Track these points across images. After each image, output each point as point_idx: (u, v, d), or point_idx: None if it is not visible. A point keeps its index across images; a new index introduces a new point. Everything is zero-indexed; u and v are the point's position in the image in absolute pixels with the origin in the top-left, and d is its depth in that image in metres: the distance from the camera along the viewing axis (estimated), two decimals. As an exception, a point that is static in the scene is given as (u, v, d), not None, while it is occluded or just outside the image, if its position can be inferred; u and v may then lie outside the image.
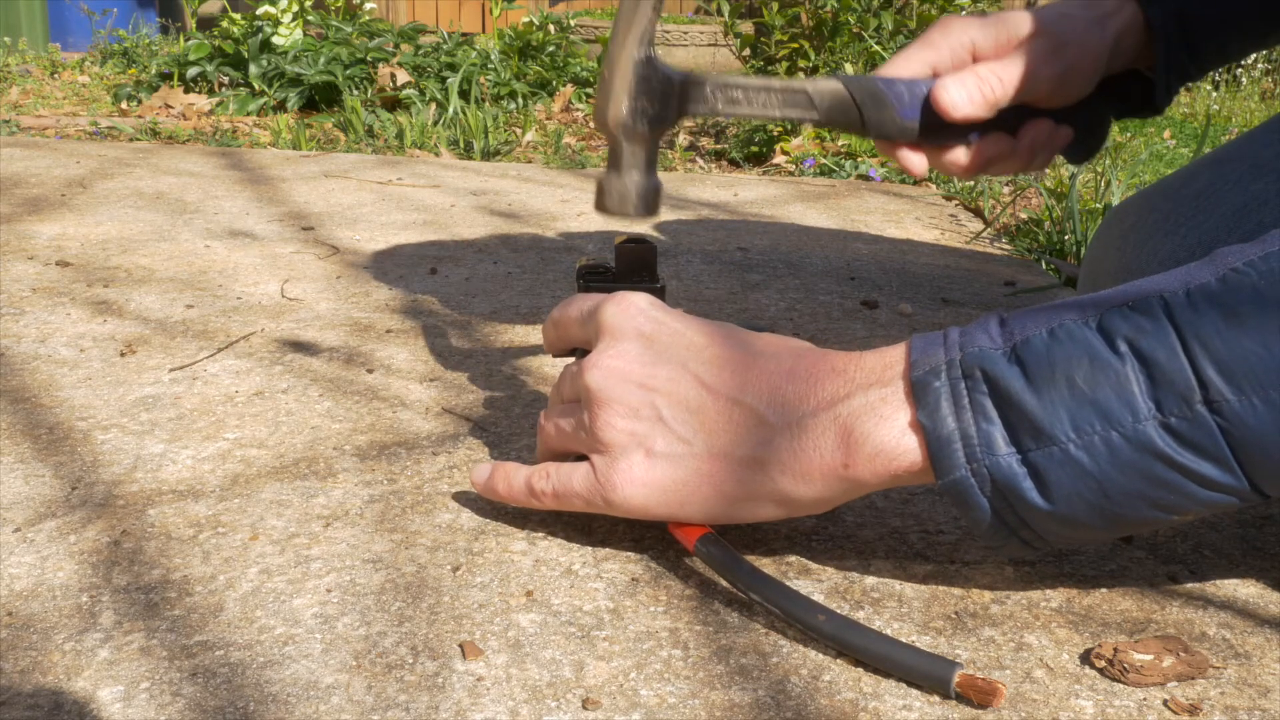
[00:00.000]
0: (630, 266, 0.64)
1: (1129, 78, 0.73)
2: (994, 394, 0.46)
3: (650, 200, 0.63)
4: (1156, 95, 0.73)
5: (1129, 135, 2.47)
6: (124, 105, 2.54)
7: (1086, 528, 0.47)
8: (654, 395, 0.53)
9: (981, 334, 0.48)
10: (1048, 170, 1.74)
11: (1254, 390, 0.42)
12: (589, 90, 2.74)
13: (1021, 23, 0.69)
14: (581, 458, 0.56)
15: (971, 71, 0.66)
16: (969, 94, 0.66)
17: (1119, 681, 0.47)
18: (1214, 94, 3.46)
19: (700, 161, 2.05)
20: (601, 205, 0.64)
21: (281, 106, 2.51)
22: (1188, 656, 0.48)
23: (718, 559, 0.52)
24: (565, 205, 1.54)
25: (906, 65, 0.68)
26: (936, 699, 0.46)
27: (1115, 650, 0.48)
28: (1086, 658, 0.49)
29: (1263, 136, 0.78)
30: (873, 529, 0.60)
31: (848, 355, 0.51)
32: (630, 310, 0.55)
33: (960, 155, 0.70)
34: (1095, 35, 0.69)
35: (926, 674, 0.46)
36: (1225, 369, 0.42)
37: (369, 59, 2.61)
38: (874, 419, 0.48)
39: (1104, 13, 0.70)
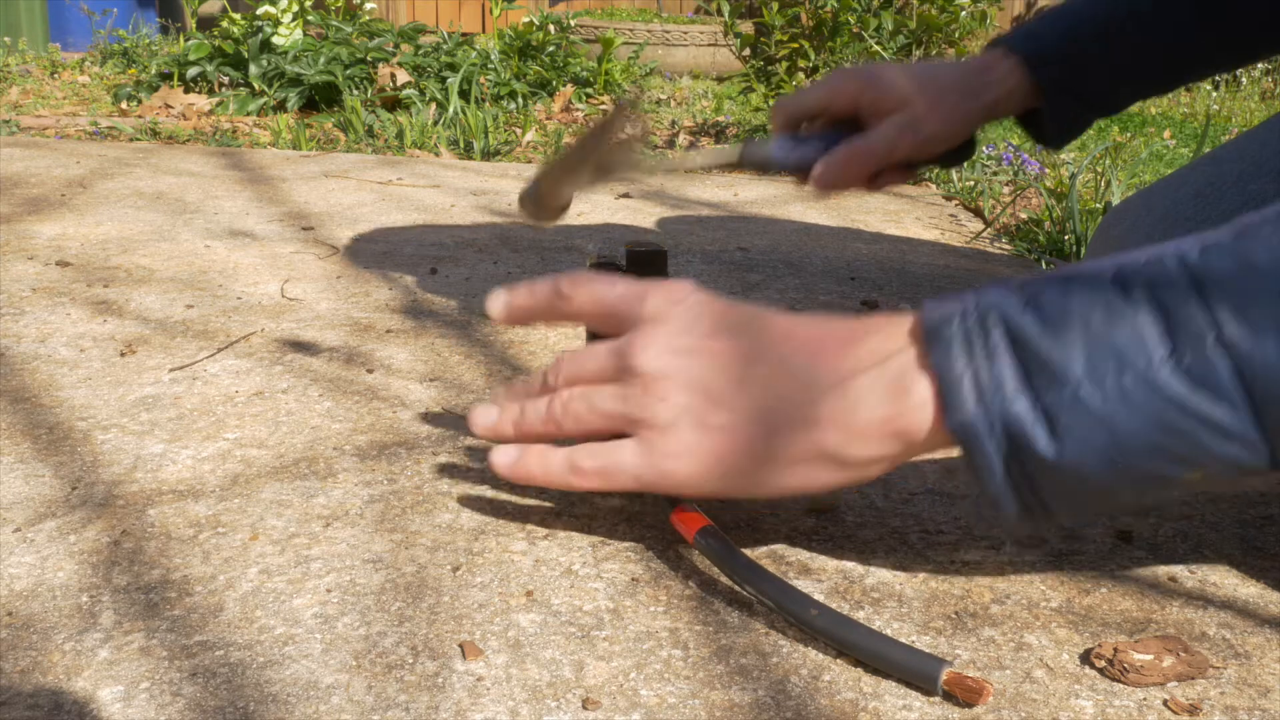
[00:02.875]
0: (640, 268, 0.65)
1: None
2: (1008, 337, 0.46)
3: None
4: (1046, 139, 0.83)
5: (1129, 135, 2.47)
6: (124, 105, 2.54)
7: (1095, 486, 0.46)
8: (706, 368, 0.52)
9: (998, 290, 0.48)
10: (1048, 170, 1.73)
11: (1267, 331, 0.42)
12: (589, 90, 2.74)
13: (891, 89, 0.77)
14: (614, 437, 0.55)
15: (844, 158, 0.77)
16: (839, 177, 0.77)
17: (1119, 681, 0.47)
18: (1214, 94, 3.46)
19: (700, 161, 2.05)
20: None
21: (281, 106, 2.51)
22: (1188, 656, 0.48)
23: (715, 551, 0.53)
24: (565, 205, 1.54)
25: (804, 100, 0.80)
26: (937, 699, 0.46)
27: (1115, 650, 0.48)
28: (1086, 658, 0.49)
29: (1261, 135, 0.78)
30: (873, 529, 0.60)
31: (888, 315, 0.52)
32: (679, 293, 0.55)
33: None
34: (965, 106, 0.78)
35: (915, 671, 0.46)
36: (1239, 310, 0.42)
37: (369, 59, 2.61)
38: (915, 372, 0.48)
39: (985, 82, 0.79)
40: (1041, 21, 0.81)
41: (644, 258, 0.65)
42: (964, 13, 2.10)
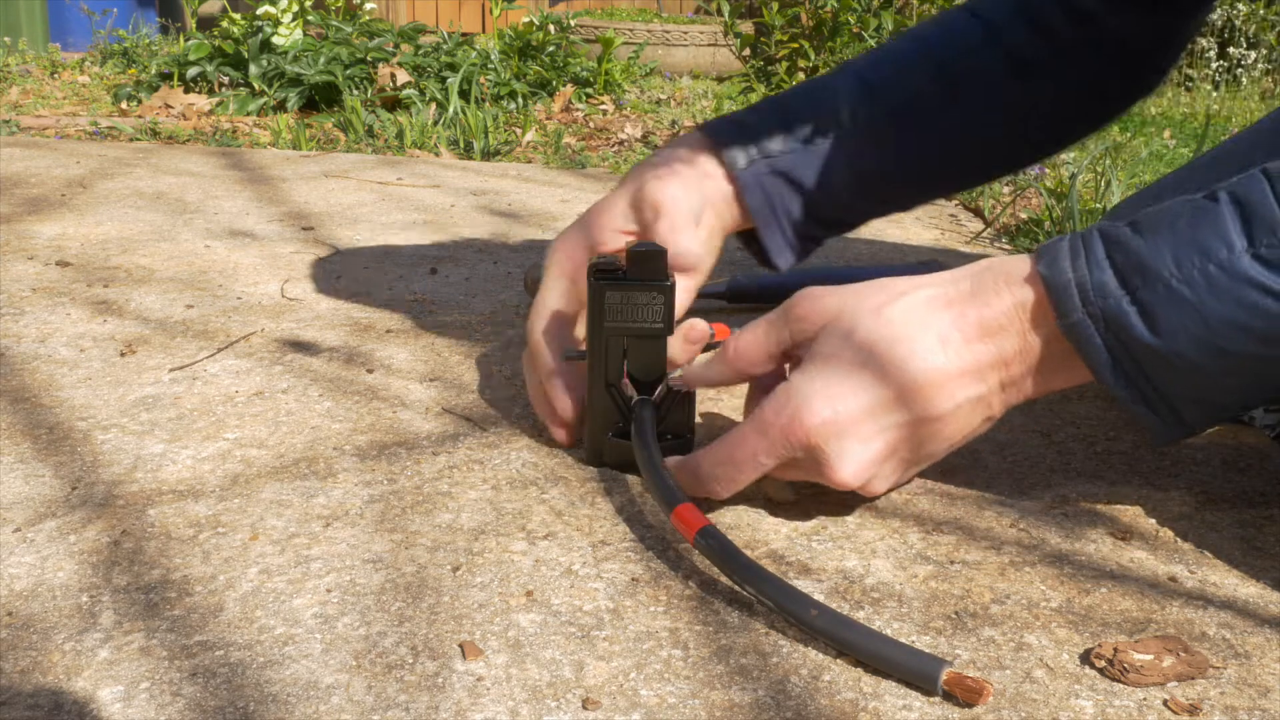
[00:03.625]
0: (641, 268, 0.65)
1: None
2: (1106, 245, 0.52)
3: None
4: (770, 255, 0.79)
5: (1129, 135, 2.47)
6: (124, 105, 2.54)
7: (1199, 371, 0.51)
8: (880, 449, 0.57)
9: (1103, 222, 0.55)
10: (1048, 170, 1.73)
11: None
12: (589, 90, 2.74)
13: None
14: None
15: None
16: None
17: (1119, 681, 0.47)
18: (1214, 94, 3.46)
19: (700, 161, 2.05)
20: None
21: (281, 106, 2.51)
22: (1188, 656, 0.48)
23: (715, 551, 0.53)
24: (565, 205, 1.54)
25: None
26: (937, 699, 0.46)
27: (1115, 650, 0.48)
28: (1086, 658, 0.49)
29: (1261, 135, 0.78)
30: (873, 529, 0.60)
31: (999, 259, 0.58)
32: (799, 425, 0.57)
33: None
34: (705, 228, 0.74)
35: (915, 671, 0.46)
36: None
37: (369, 59, 2.61)
38: (1030, 289, 0.55)
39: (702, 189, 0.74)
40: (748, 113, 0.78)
41: (644, 258, 0.65)
42: (964, 13, 2.10)
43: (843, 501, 0.63)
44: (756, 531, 0.60)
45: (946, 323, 0.55)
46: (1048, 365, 0.55)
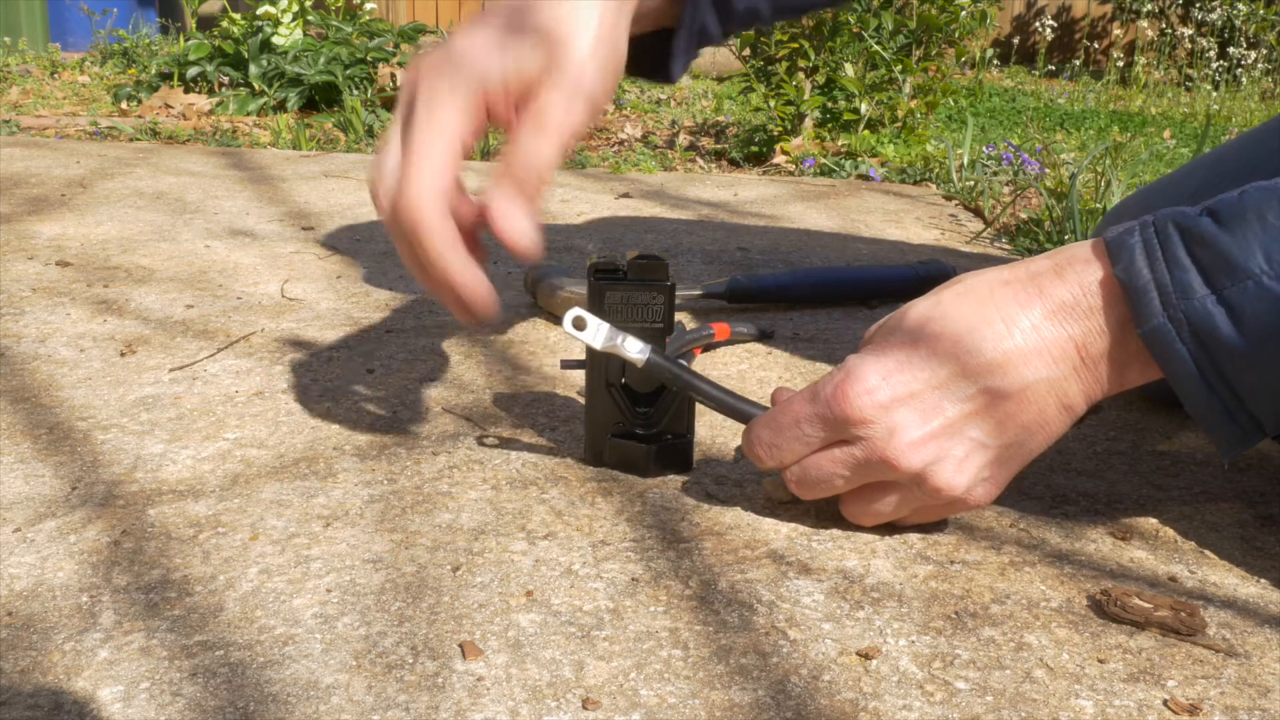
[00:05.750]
0: (642, 271, 0.65)
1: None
2: (1186, 241, 0.49)
3: None
4: (673, 63, 0.68)
5: (1129, 135, 2.47)
6: (124, 105, 2.54)
7: None
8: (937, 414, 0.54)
9: (1174, 207, 0.51)
10: (1048, 170, 1.73)
11: None
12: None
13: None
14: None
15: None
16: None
17: (1111, 619, 0.47)
18: (1214, 94, 3.46)
19: (700, 161, 2.05)
20: None
21: (281, 106, 2.51)
22: (1188, 617, 0.49)
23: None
24: (565, 205, 1.54)
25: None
26: (938, 698, 0.46)
27: (1116, 592, 0.50)
28: (1087, 658, 0.49)
29: (1259, 136, 0.78)
30: (873, 529, 0.60)
31: (1062, 250, 0.54)
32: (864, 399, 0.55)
33: None
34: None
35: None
36: None
37: (369, 59, 2.60)
38: (1099, 290, 0.52)
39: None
40: None
41: (646, 268, 0.65)
42: (964, 12, 2.10)
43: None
44: (756, 531, 0.60)
45: (1009, 301, 0.53)
46: (1121, 355, 0.52)
